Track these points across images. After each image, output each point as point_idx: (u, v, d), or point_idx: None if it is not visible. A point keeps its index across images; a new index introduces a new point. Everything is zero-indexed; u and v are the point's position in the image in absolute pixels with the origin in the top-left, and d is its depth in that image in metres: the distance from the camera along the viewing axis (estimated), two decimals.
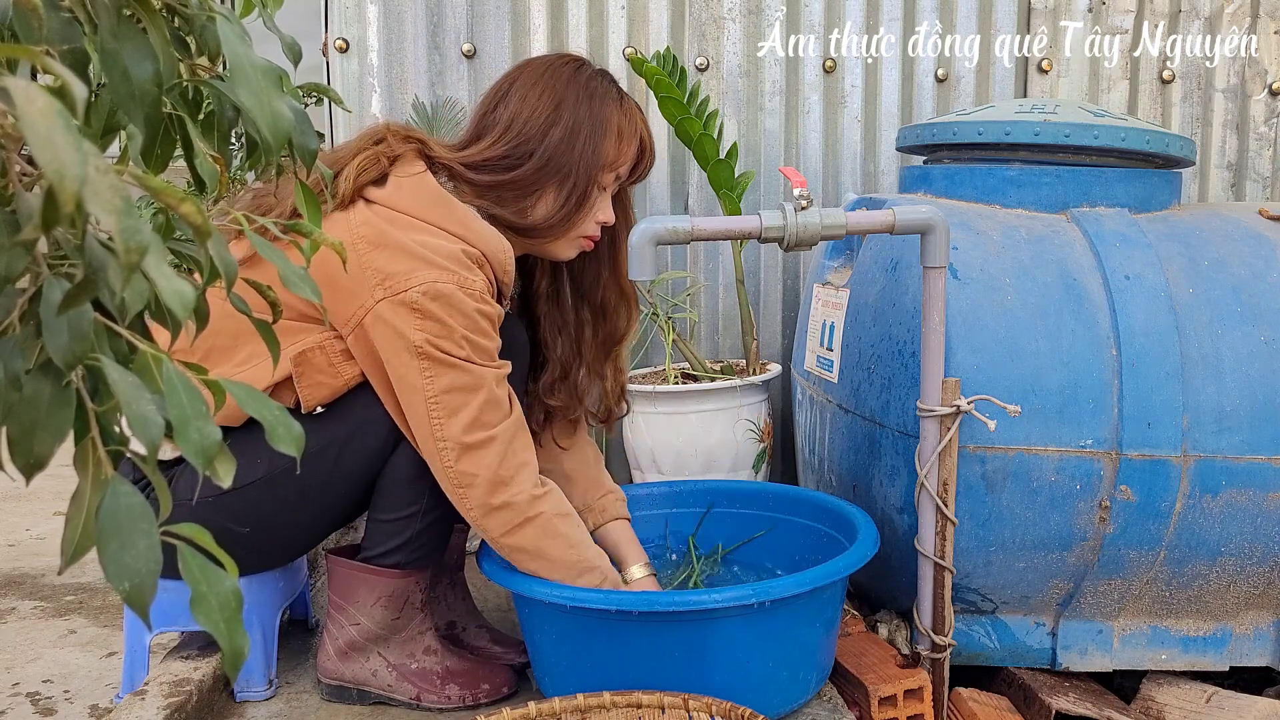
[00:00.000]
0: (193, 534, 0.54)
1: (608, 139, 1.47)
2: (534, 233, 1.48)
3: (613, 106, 1.48)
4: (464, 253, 1.37)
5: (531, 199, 1.46)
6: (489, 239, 1.41)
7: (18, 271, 0.47)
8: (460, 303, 1.34)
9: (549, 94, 1.46)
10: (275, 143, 0.58)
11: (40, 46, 0.50)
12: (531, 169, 1.44)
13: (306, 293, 0.65)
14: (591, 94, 1.47)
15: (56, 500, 2.86)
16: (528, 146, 1.44)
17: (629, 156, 1.51)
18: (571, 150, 1.44)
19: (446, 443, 1.35)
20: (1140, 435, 1.55)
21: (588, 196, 1.47)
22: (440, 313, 1.33)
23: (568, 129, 1.44)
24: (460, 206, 1.41)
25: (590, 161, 1.46)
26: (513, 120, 1.45)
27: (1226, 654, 1.73)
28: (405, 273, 1.33)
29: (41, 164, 0.40)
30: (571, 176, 1.45)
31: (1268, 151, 2.65)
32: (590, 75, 1.50)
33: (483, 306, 1.36)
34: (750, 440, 2.23)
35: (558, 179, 1.45)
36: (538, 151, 1.44)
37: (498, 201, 1.45)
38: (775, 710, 1.45)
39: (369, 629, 1.50)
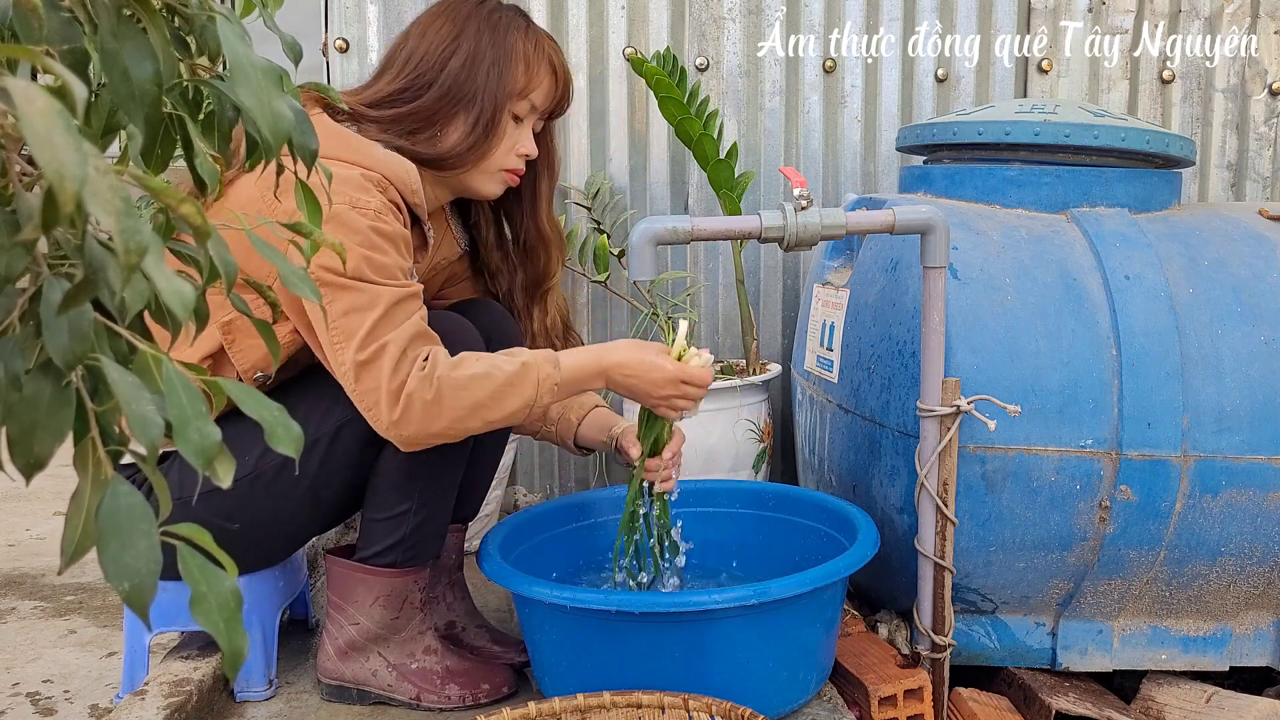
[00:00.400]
0: (192, 534, 0.54)
1: (513, 66, 1.46)
2: (445, 164, 1.47)
3: (516, 34, 1.48)
4: (362, 175, 1.35)
5: (438, 129, 1.46)
6: (389, 162, 1.39)
7: (18, 271, 0.47)
8: (351, 221, 1.31)
9: (448, 26, 1.46)
10: (276, 142, 0.58)
11: (40, 46, 0.50)
12: (431, 99, 1.44)
13: (307, 293, 0.65)
14: (494, 24, 1.47)
15: (56, 500, 2.86)
16: (427, 78, 1.44)
17: (541, 85, 1.50)
18: (474, 78, 1.44)
19: (345, 366, 1.31)
20: (1140, 435, 1.55)
21: (497, 124, 1.47)
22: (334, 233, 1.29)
23: (468, 56, 1.44)
24: (356, 137, 1.40)
25: (495, 88, 1.45)
26: (411, 55, 1.46)
27: (1226, 654, 1.73)
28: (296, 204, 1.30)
29: (41, 164, 0.40)
30: (477, 104, 1.45)
31: (1268, 151, 2.65)
32: (493, 7, 1.49)
33: (378, 224, 1.33)
34: (750, 440, 2.23)
35: (462, 107, 1.45)
36: (437, 81, 1.44)
37: (402, 135, 1.44)
38: (775, 710, 1.45)
39: (368, 629, 1.50)
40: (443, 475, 1.49)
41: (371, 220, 1.33)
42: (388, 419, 1.31)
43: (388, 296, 1.32)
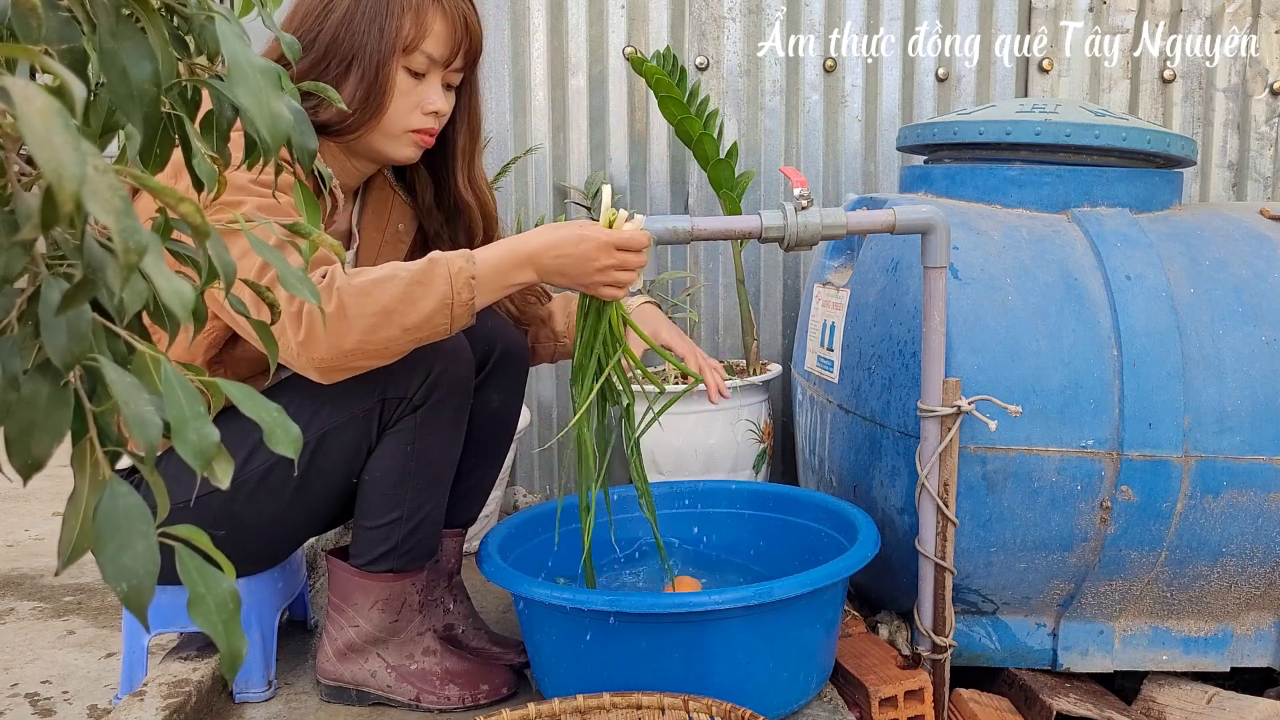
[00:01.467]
0: (190, 535, 0.54)
1: (395, 16, 1.33)
2: (338, 130, 1.36)
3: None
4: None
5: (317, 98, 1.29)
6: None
7: (16, 271, 0.47)
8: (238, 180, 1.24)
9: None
10: (274, 142, 0.58)
11: (39, 46, 0.49)
12: (310, 60, 1.33)
13: (306, 294, 0.64)
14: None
15: (55, 500, 2.86)
16: (309, 36, 1.34)
17: (433, 32, 1.36)
18: (352, 33, 1.33)
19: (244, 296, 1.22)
20: (1141, 435, 1.55)
21: (384, 83, 1.34)
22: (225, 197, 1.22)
23: (346, 11, 1.33)
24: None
25: (378, 41, 1.33)
26: (294, 13, 1.37)
27: (1227, 655, 1.72)
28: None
29: (40, 164, 0.39)
30: (359, 62, 1.33)
31: (1269, 151, 2.65)
32: None
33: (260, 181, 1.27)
34: (750, 440, 2.22)
35: (345, 67, 1.34)
36: (317, 42, 1.33)
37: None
38: (776, 711, 1.45)
39: (367, 631, 1.50)
40: (433, 478, 1.47)
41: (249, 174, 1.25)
42: (295, 344, 1.21)
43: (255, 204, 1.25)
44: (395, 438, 1.41)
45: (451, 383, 1.43)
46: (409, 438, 1.42)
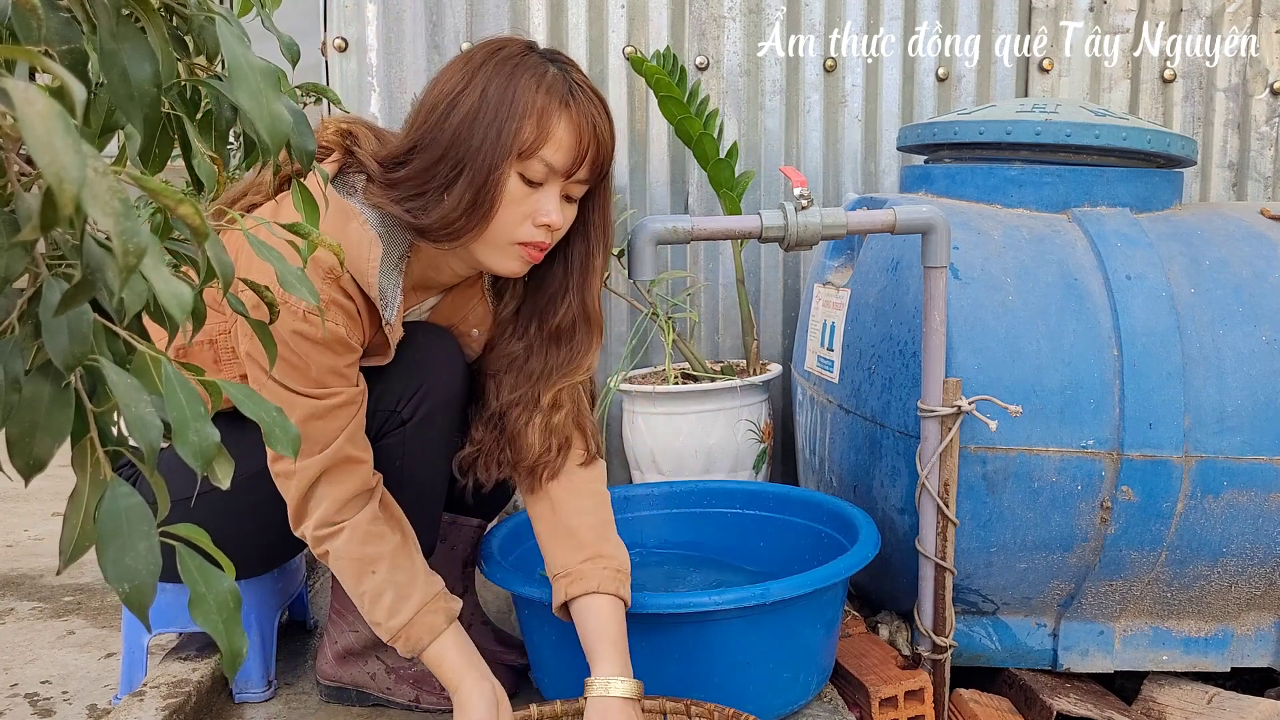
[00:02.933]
0: (191, 535, 0.54)
1: (515, 120, 1.21)
2: (436, 235, 1.26)
3: (527, 81, 1.22)
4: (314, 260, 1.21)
5: (431, 196, 1.25)
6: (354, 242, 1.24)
7: (17, 272, 0.47)
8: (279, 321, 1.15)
9: (459, 75, 1.25)
10: (274, 143, 0.58)
11: (39, 47, 0.49)
12: (428, 160, 1.24)
13: (304, 294, 0.64)
14: (509, 72, 1.23)
15: (54, 501, 2.86)
16: (430, 135, 1.24)
17: (556, 139, 1.23)
18: (472, 135, 1.22)
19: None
20: (1141, 435, 1.55)
21: (492, 189, 1.22)
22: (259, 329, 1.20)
23: (470, 110, 1.22)
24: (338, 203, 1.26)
25: (492, 145, 1.21)
26: (421, 107, 1.28)
27: (1228, 655, 1.72)
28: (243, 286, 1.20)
29: (40, 166, 0.39)
30: (471, 165, 1.22)
31: (1269, 151, 2.65)
32: (512, 52, 1.25)
33: (304, 326, 1.21)
34: (750, 441, 2.22)
35: (458, 170, 1.23)
36: (436, 140, 1.24)
37: (399, 200, 1.26)
38: (776, 712, 1.45)
39: (367, 636, 1.50)
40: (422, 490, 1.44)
41: (299, 321, 1.21)
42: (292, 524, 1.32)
43: (302, 409, 1.25)
44: (384, 451, 1.38)
45: (441, 398, 1.40)
46: (398, 451, 1.39)
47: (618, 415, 2.43)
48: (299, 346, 1.23)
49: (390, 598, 1.29)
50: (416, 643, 1.30)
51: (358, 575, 1.30)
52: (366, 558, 1.30)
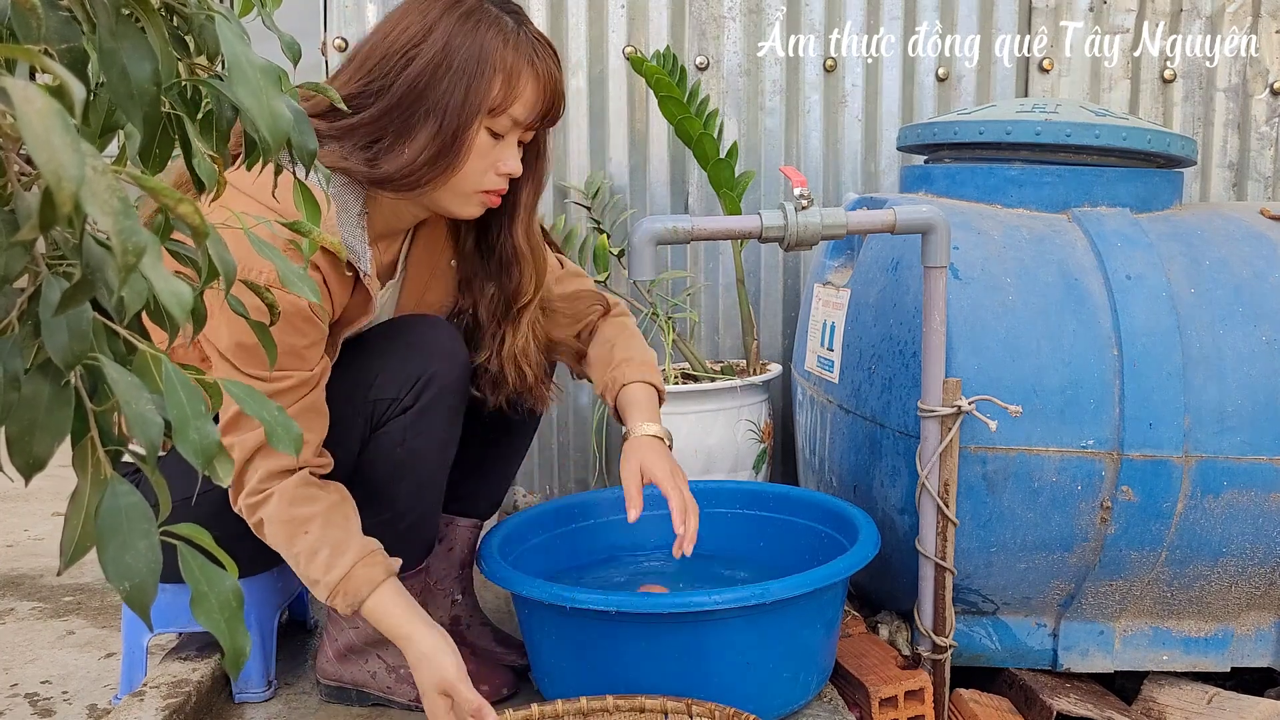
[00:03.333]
0: (192, 534, 0.54)
1: (485, 78, 1.23)
2: (394, 186, 1.27)
3: (496, 37, 1.24)
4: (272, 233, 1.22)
5: (387, 144, 1.25)
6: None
7: (16, 271, 0.47)
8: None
9: (416, 21, 1.24)
10: (275, 142, 0.58)
11: (39, 46, 0.49)
12: (384, 107, 1.24)
13: (306, 293, 0.64)
14: (474, 24, 1.24)
15: (54, 501, 2.86)
16: (380, 83, 1.24)
17: (523, 97, 1.26)
18: (435, 87, 1.23)
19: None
20: (1142, 435, 1.55)
21: (459, 144, 1.25)
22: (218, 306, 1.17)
23: (432, 61, 1.22)
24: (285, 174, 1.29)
25: (461, 102, 1.23)
26: (371, 53, 1.26)
27: (1228, 655, 1.72)
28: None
29: (39, 165, 0.39)
30: (436, 119, 1.23)
31: (1269, 151, 2.65)
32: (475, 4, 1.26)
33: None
34: (750, 440, 2.22)
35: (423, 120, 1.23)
36: (393, 88, 1.23)
37: (357, 148, 1.25)
38: (776, 711, 1.45)
39: (367, 632, 1.50)
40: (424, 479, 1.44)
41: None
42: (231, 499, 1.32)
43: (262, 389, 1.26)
44: (386, 438, 1.39)
45: (443, 385, 1.40)
46: (399, 438, 1.39)
47: None
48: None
49: (325, 554, 1.27)
50: (355, 596, 1.28)
51: (290, 537, 1.28)
52: (297, 519, 1.27)
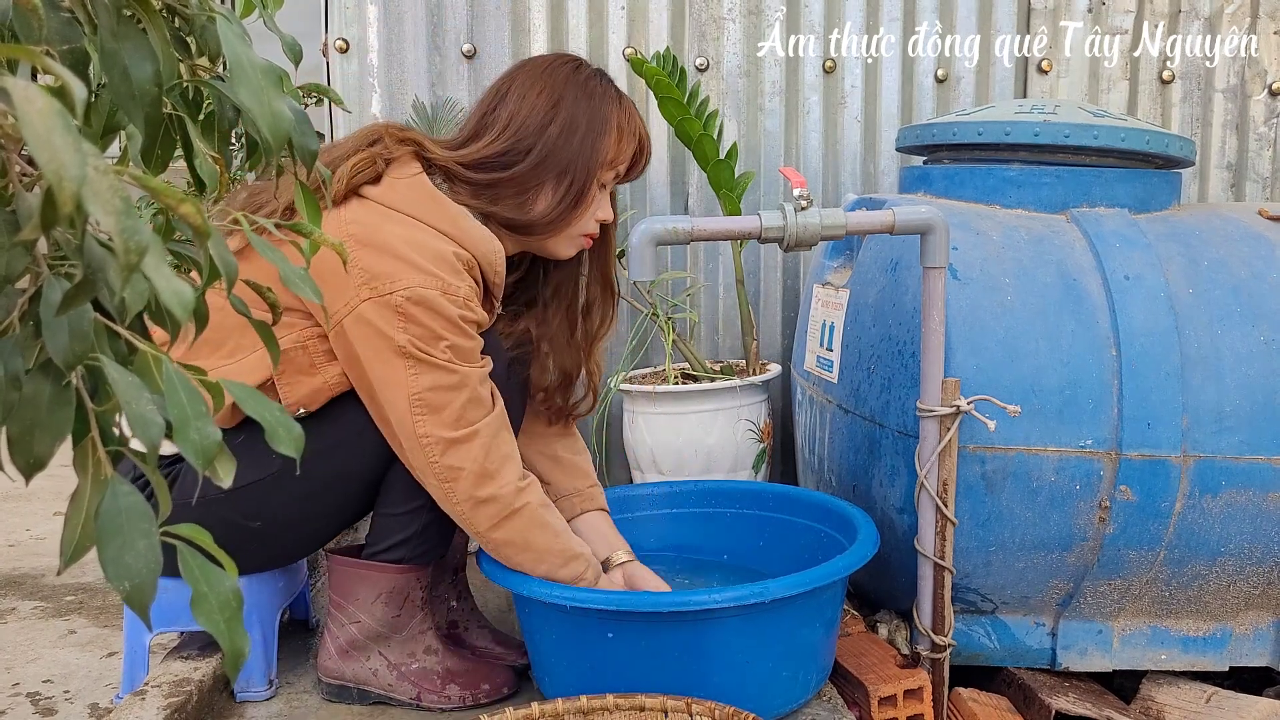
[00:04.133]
0: (192, 534, 0.54)
1: (607, 136, 1.48)
2: (532, 230, 1.49)
3: (612, 105, 1.49)
4: (454, 255, 1.38)
5: (529, 196, 1.46)
6: (479, 240, 1.42)
7: (18, 271, 0.47)
8: (443, 309, 1.35)
9: (547, 92, 1.47)
10: (275, 143, 0.58)
11: (40, 46, 0.50)
12: (528, 165, 1.45)
13: (307, 293, 0.65)
14: (590, 92, 1.48)
15: (56, 500, 2.86)
16: (525, 143, 1.45)
17: (628, 155, 1.52)
18: (569, 146, 1.45)
19: (430, 438, 1.36)
20: (1140, 435, 1.55)
21: (586, 193, 1.48)
22: (423, 317, 1.34)
23: (565, 125, 1.45)
24: (453, 206, 1.42)
25: (589, 158, 1.46)
26: (511, 118, 1.46)
27: (1226, 654, 1.73)
28: (390, 274, 1.34)
29: (41, 165, 0.40)
30: (570, 173, 1.46)
31: (1267, 152, 2.65)
32: (589, 74, 1.51)
33: (465, 313, 1.37)
34: (750, 440, 2.23)
35: (555, 175, 1.46)
36: (535, 148, 1.44)
37: (494, 200, 1.46)
38: (776, 710, 1.45)
39: (370, 626, 1.50)
40: None
41: (460, 309, 1.36)
42: (465, 493, 1.39)
43: (475, 378, 1.39)
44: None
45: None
46: None
47: (618, 415, 2.43)
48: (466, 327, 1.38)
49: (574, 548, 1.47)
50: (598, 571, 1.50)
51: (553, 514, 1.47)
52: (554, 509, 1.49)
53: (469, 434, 1.38)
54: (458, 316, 1.36)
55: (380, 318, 1.34)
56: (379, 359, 1.35)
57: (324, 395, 1.44)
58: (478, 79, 2.45)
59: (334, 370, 1.42)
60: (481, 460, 1.38)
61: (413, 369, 1.35)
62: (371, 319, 1.34)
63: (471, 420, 1.38)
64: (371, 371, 1.37)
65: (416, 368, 1.35)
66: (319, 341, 1.41)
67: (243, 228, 0.62)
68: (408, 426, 1.37)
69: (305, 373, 1.42)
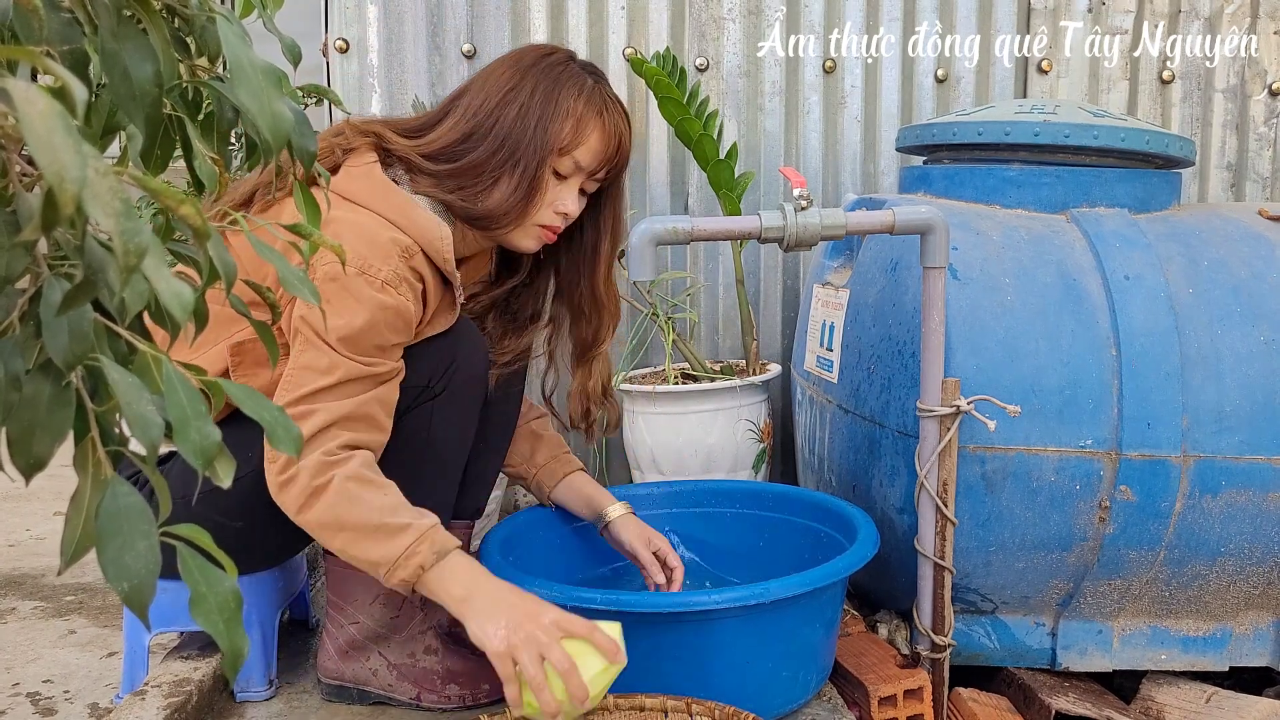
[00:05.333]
0: (192, 535, 0.54)
1: (557, 121, 1.40)
2: (488, 222, 1.43)
3: (571, 89, 1.42)
4: (392, 240, 1.32)
5: (484, 185, 1.41)
6: (425, 228, 1.36)
7: (18, 272, 0.48)
8: (355, 288, 1.29)
9: (508, 75, 1.42)
10: (275, 143, 0.58)
11: (40, 47, 0.50)
12: (483, 154, 1.40)
13: (306, 295, 0.65)
14: (555, 77, 1.42)
15: (56, 500, 2.86)
16: (482, 129, 1.40)
17: (587, 143, 1.42)
18: (522, 133, 1.39)
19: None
20: (1140, 435, 1.56)
21: (539, 182, 1.41)
22: (335, 294, 1.29)
23: (519, 110, 1.39)
24: (400, 194, 1.37)
25: (539, 144, 1.39)
26: (469, 104, 1.42)
27: (1226, 654, 1.73)
28: (320, 255, 1.30)
29: (41, 166, 0.40)
30: (521, 160, 1.39)
31: (1267, 152, 2.65)
32: (558, 59, 1.44)
33: (382, 296, 1.30)
34: (750, 440, 2.23)
35: (509, 164, 1.40)
36: (491, 133, 1.39)
37: (454, 189, 1.41)
38: (776, 710, 1.45)
39: (368, 627, 1.50)
40: (445, 466, 1.49)
41: (377, 291, 1.30)
42: (275, 479, 1.28)
43: (345, 369, 1.29)
44: (413, 423, 1.43)
45: (470, 373, 1.47)
46: (425, 423, 1.44)
47: None
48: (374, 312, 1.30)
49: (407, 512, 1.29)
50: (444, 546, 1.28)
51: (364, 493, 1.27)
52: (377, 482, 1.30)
53: (305, 412, 1.28)
54: (370, 297, 1.30)
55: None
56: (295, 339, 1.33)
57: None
58: None
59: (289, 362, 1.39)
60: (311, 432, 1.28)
61: (298, 344, 1.31)
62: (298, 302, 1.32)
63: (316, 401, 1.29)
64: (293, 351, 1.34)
65: (301, 343, 1.30)
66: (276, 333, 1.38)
67: (243, 230, 0.62)
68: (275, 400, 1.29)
69: (263, 365, 1.39)
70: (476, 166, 1.40)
